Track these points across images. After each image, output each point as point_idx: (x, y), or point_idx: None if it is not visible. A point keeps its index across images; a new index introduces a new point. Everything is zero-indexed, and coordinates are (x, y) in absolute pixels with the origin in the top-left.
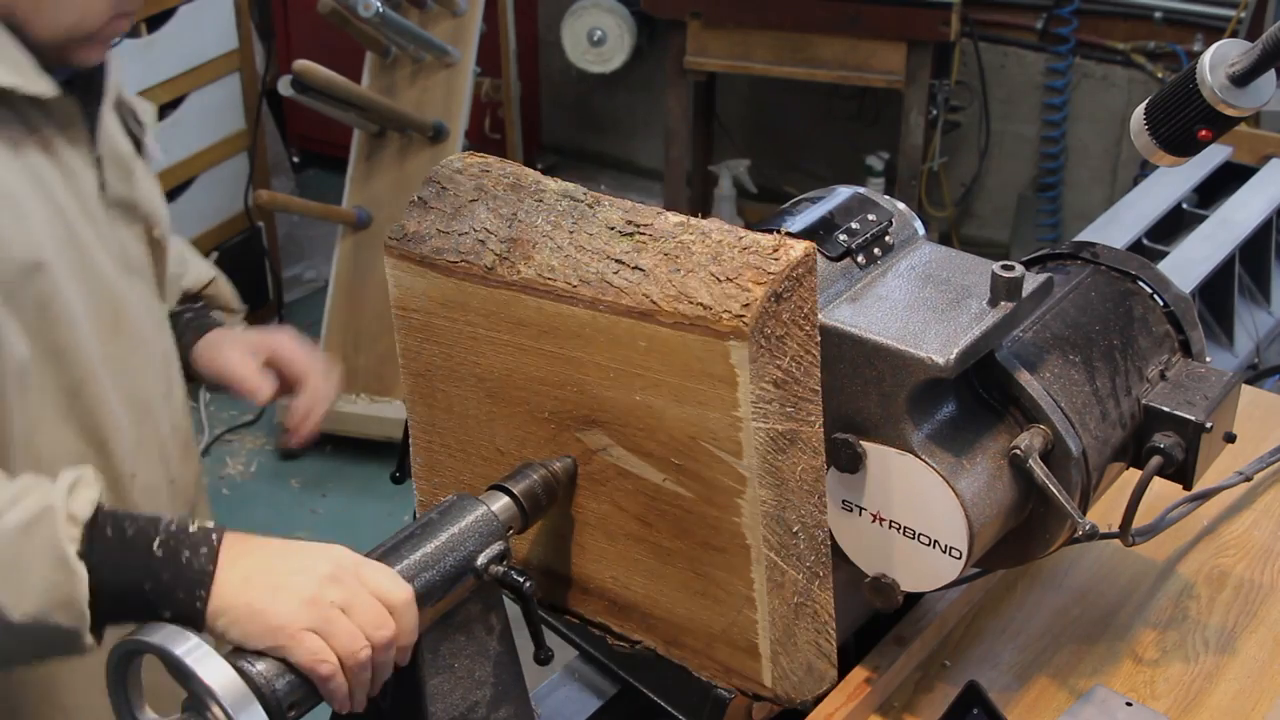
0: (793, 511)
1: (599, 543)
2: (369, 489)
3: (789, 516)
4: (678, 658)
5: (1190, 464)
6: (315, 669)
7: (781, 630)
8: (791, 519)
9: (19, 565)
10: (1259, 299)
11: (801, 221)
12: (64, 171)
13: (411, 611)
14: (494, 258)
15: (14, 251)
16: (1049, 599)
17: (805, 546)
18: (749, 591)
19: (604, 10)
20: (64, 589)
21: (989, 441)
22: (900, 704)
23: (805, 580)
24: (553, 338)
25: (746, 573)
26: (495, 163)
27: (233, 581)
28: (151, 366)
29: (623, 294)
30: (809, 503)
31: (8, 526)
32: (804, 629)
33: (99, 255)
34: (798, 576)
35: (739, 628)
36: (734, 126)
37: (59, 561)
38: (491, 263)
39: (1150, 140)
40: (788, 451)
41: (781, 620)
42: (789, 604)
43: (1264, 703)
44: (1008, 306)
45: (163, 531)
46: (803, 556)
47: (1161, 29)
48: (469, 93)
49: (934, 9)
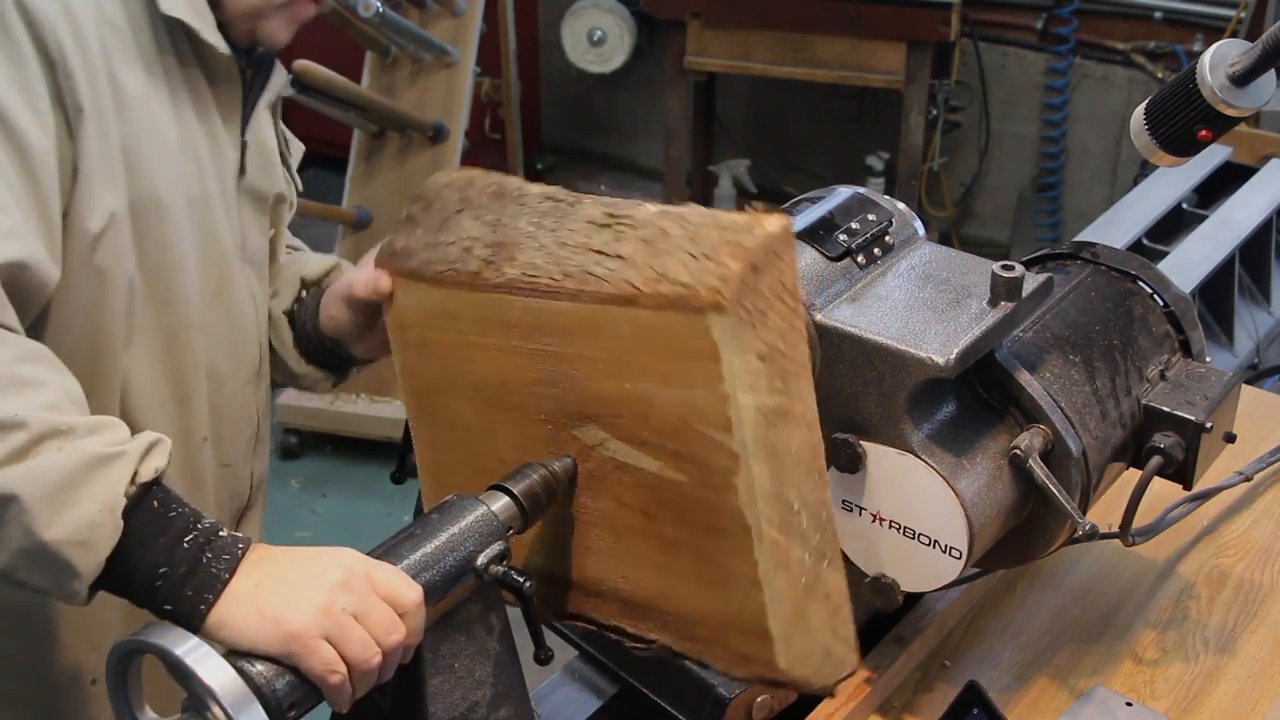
0: (791, 488)
1: (605, 542)
2: (369, 489)
3: (788, 493)
4: (694, 652)
5: (1190, 464)
6: (326, 679)
7: (791, 610)
8: (790, 496)
9: (74, 491)
10: (1259, 299)
11: (801, 221)
12: (211, 140)
13: (421, 613)
14: (480, 263)
15: (155, 181)
16: (1049, 599)
17: (808, 525)
18: (754, 573)
19: (604, 10)
20: (97, 533)
21: (989, 441)
22: (900, 704)
23: (812, 560)
24: (541, 335)
25: (750, 554)
26: (480, 175)
27: (242, 592)
28: (245, 350)
29: (604, 283)
30: (808, 480)
31: (81, 450)
32: (816, 610)
33: (222, 228)
34: (803, 555)
35: (749, 613)
36: (734, 126)
37: (108, 508)
38: (477, 267)
39: (1150, 140)
40: (779, 426)
41: (790, 601)
42: (797, 584)
43: (1264, 703)
44: (1008, 306)
45: (198, 528)
46: (807, 535)
47: (1161, 29)
48: (469, 93)
49: (934, 9)
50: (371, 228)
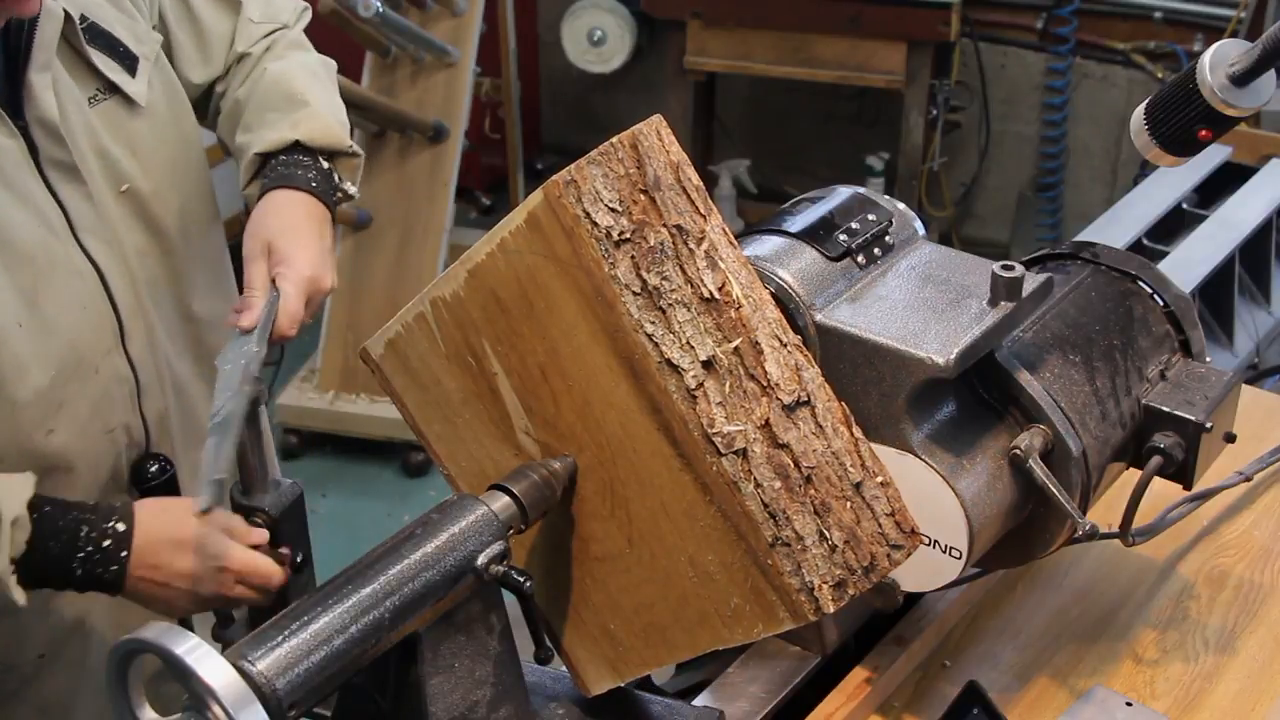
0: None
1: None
2: (369, 489)
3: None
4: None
5: (1190, 464)
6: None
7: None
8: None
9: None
10: (1259, 299)
11: (801, 221)
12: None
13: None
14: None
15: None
16: (1049, 599)
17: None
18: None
19: (604, 10)
20: (7, 582)
21: (989, 441)
22: (900, 704)
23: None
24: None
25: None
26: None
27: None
28: (89, 331)
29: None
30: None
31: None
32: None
33: (20, 227)
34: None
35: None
36: (734, 126)
37: (4, 577)
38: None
39: (1150, 140)
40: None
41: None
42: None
43: (1264, 703)
44: (1008, 306)
45: (80, 549)
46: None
47: (1161, 29)
48: (469, 93)
49: (934, 9)
50: (371, 228)
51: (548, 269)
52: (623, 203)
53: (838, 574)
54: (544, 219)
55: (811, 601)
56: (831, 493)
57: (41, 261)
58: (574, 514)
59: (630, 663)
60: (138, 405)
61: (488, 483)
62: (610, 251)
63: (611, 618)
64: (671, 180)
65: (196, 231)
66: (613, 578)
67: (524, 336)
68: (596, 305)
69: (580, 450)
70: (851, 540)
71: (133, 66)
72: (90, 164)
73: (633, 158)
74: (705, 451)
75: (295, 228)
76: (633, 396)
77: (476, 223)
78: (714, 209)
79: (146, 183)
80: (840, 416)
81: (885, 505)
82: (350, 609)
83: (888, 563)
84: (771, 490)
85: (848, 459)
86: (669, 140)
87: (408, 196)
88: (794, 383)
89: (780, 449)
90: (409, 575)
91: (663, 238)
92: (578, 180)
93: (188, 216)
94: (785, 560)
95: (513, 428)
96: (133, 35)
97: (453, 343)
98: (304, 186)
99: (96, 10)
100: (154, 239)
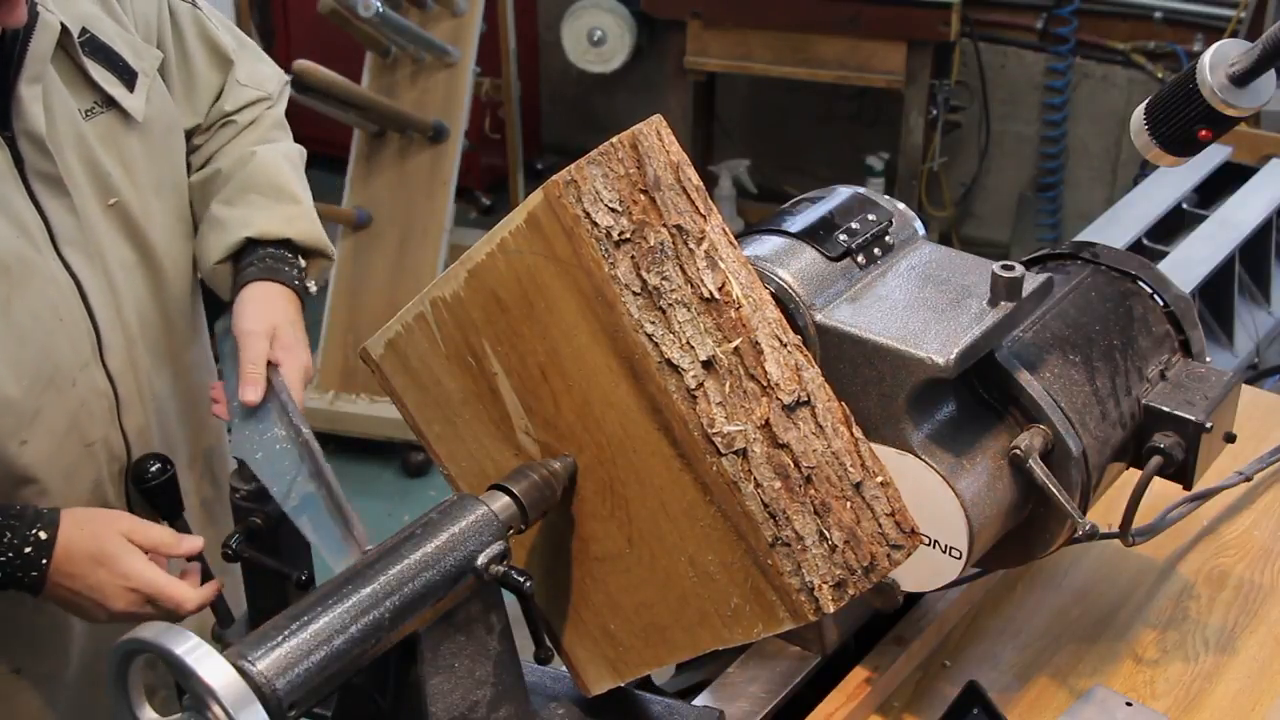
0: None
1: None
2: (369, 489)
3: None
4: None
5: (1190, 464)
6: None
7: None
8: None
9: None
10: (1259, 299)
11: (801, 221)
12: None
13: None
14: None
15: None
16: (1049, 599)
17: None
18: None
19: (604, 10)
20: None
21: (989, 441)
22: (900, 704)
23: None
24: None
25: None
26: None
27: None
28: (64, 343)
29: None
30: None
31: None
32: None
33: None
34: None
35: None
36: (734, 126)
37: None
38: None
39: (1150, 140)
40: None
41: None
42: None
43: (1264, 703)
44: (1008, 306)
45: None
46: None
47: (1161, 29)
48: (469, 93)
49: (934, 9)
50: (371, 228)
51: (548, 269)
52: (623, 203)
53: (838, 574)
54: (544, 219)
55: (811, 601)
56: (831, 493)
57: (16, 271)
58: (574, 514)
59: (630, 663)
60: (118, 419)
61: (488, 483)
62: (610, 251)
63: (611, 618)
64: (671, 180)
65: (179, 250)
66: (613, 578)
67: (524, 336)
68: (596, 305)
69: (580, 450)
70: (851, 540)
71: (131, 81)
72: (77, 176)
73: (633, 158)
74: (705, 451)
75: (295, 322)
76: (633, 396)
77: (476, 223)
78: (714, 209)
79: (136, 197)
80: (840, 416)
81: (885, 505)
82: (350, 609)
83: (888, 563)
84: (771, 490)
85: (848, 459)
86: (669, 140)
87: (408, 196)
88: (794, 383)
89: (780, 449)
90: (409, 575)
91: (663, 238)
92: (578, 180)
93: (172, 233)
94: (785, 560)
95: (513, 428)
96: (132, 50)
97: (453, 343)
98: (289, 283)
99: (97, 24)
100: (139, 253)
